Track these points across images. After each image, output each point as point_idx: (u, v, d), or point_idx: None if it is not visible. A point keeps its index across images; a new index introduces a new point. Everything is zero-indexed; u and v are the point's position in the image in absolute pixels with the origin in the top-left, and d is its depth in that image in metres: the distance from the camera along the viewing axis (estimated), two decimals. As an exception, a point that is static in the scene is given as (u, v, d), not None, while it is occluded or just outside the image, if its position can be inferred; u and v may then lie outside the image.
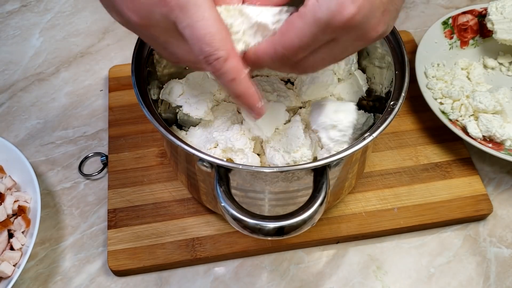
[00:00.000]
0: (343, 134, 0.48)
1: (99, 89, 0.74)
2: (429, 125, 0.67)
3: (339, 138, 0.48)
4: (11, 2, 0.86)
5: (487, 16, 0.70)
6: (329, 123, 0.48)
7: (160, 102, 0.55)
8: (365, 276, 0.57)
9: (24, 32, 0.82)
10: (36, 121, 0.70)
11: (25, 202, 0.58)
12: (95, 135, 0.69)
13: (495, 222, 0.61)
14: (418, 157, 0.65)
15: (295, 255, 0.58)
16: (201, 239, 0.57)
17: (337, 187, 0.53)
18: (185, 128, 0.58)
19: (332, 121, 0.48)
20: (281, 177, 0.46)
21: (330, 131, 0.48)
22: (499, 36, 0.69)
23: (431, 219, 0.59)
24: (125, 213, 0.59)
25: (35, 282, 0.56)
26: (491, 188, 0.64)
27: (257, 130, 0.51)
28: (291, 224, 0.40)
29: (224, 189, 0.42)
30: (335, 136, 0.48)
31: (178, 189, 0.61)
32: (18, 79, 0.75)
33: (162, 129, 0.45)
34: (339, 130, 0.48)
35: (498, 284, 0.56)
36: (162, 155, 0.64)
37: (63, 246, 0.59)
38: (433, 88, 0.68)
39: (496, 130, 0.62)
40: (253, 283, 0.56)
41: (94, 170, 0.65)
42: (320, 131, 0.49)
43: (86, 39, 0.80)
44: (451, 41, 0.74)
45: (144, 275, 0.57)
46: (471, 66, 0.72)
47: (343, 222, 0.59)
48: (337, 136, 0.48)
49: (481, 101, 0.64)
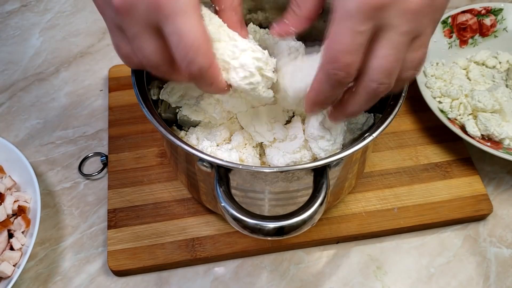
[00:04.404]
0: (332, 143, 0.49)
1: (99, 89, 0.74)
2: (429, 125, 0.67)
3: (328, 148, 0.49)
4: (11, 2, 0.86)
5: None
6: (316, 134, 0.49)
7: (160, 102, 0.55)
8: (365, 276, 0.57)
9: (24, 32, 0.82)
10: (36, 121, 0.70)
11: (25, 202, 0.58)
12: (95, 135, 0.69)
13: (495, 222, 0.61)
14: (418, 157, 0.65)
15: (295, 255, 0.58)
16: (201, 239, 0.57)
17: (337, 187, 0.53)
18: (185, 128, 0.58)
19: (320, 132, 0.48)
20: (281, 177, 0.46)
21: (319, 141, 0.49)
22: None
23: (431, 219, 0.59)
24: (125, 213, 0.59)
25: (35, 282, 0.56)
26: (491, 188, 0.64)
27: (259, 136, 0.51)
28: (291, 224, 0.40)
29: (224, 189, 0.42)
30: (324, 146, 0.49)
31: (178, 189, 0.61)
32: (18, 79, 0.75)
33: (162, 129, 0.45)
34: (327, 140, 0.49)
35: (498, 284, 0.56)
36: (162, 155, 0.64)
37: (63, 246, 0.59)
38: (432, 87, 0.68)
39: (495, 129, 0.62)
40: (253, 283, 0.56)
41: (94, 170, 0.65)
42: (310, 141, 0.50)
43: (86, 39, 0.81)
44: (450, 40, 0.74)
45: (144, 275, 0.57)
46: (470, 65, 0.72)
47: (343, 222, 0.59)
48: (326, 145, 0.49)
49: (480, 100, 0.64)
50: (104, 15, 0.40)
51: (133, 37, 0.38)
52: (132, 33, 0.38)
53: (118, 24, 0.38)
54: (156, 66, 0.40)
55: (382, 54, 0.36)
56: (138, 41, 0.38)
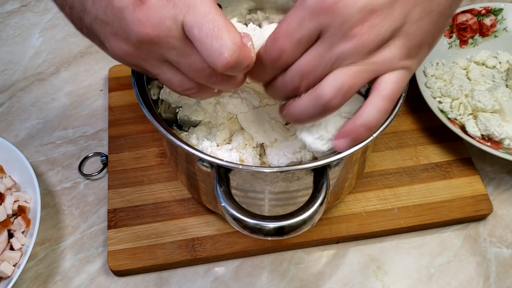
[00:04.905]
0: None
1: (99, 89, 0.74)
2: (429, 125, 0.67)
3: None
4: (11, 2, 0.86)
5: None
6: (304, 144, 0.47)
7: (160, 102, 0.55)
8: (365, 276, 0.57)
9: (24, 32, 0.82)
10: (36, 121, 0.70)
11: (25, 202, 0.58)
12: (95, 135, 0.69)
13: (495, 222, 0.61)
14: (418, 157, 0.65)
15: (295, 255, 0.58)
16: (201, 239, 0.57)
17: (337, 187, 0.53)
18: (185, 128, 0.58)
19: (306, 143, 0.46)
20: (281, 177, 0.46)
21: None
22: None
23: (431, 219, 0.59)
24: (125, 213, 0.59)
25: (35, 282, 0.56)
26: (491, 188, 0.64)
27: (260, 137, 0.51)
28: (291, 224, 0.40)
29: (224, 189, 0.42)
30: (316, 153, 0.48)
31: (178, 189, 0.61)
32: (18, 79, 0.75)
33: (162, 129, 0.45)
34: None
35: (498, 284, 0.56)
36: (162, 155, 0.64)
37: (63, 246, 0.59)
38: (432, 87, 0.68)
39: (495, 129, 0.62)
40: (253, 283, 0.56)
41: (94, 170, 0.65)
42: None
43: (86, 39, 0.80)
44: (450, 40, 0.74)
45: (144, 275, 0.57)
46: (470, 65, 0.72)
47: (343, 222, 0.59)
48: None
49: (480, 100, 0.64)
50: (134, 60, 0.39)
51: (179, 57, 0.37)
52: (176, 54, 0.37)
53: (158, 53, 0.37)
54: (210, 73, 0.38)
55: (306, 57, 0.37)
56: (187, 57, 0.37)
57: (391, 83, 0.38)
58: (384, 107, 0.39)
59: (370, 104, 0.39)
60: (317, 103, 0.38)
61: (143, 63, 0.39)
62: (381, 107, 0.39)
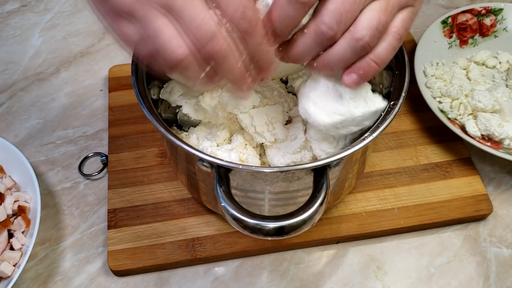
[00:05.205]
0: (335, 145, 0.49)
1: (99, 89, 0.74)
2: (429, 125, 0.67)
3: (331, 150, 0.49)
4: (11, 2, 0.86)
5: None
6: (319, 135, 0.48)
7: (160, 102, 0.55)
8: (365, 276, 0.57)
9: (24, 32, 0.82)
10: (36, 121, 0.70)
11: (25, 202, 0.58)
12: (95, 135, 0.69)
13: (495, 222, 0.61)
14: (418, 157, 0.65)
15: (295, 255, 0.58)
16: (201, 239, 0.57)
17: (337, 187, 0.53)
18: (185, 128, 0.58)
19: (323, 134, 0.48)
20: (281, 177, 0.46)
21: (321, 143, 0.49)
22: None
23: (431, 219, 0.59)
24: (125, 213, 0.59)
25: (35, 282, 0.56)
26: (491, 188, 0.64)
27: (260, 137, 0.51)
28: (291, 224, 0.40)
29: (224, 189, 0.42)
30: (326, 148, 0.49)
31: (178, 189, 0.61)
32: (18, 79, 0.75)
33: (162, 129, 0.45)
34: (329, 142, 0.48)
35: (498, 284, 0.56)
36: (162, 155, 0.64)
37: (63, 246, 0.59)
38: (432, 87, 0.68)
39: (495, 129, 0.62)
40: (253, 283, 0.56)
41: (94, 170, 0.65)
42: (312, 142, 0.49)
43: (86, 39, 0.81)
44: (450, 40, 0.74)
45: (144, 275, 0.57)
46: (470, 65, 0.72)
47: (343, 222, 0.59)
48: (329, 148, 0.49)
49: (480, 100, 0.64)
50: (102, 6, 0.37)
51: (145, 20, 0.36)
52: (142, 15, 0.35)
53: (128, 10, 0.36)
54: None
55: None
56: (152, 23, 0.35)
57: (400, 21, 0.40)
58: (394, 44, 0.40)
59: (381, 41, 0.40)
60: (356, 46, 0.38)
61: (144, 7, 0.36)
62: (390, 43, 0.40)
